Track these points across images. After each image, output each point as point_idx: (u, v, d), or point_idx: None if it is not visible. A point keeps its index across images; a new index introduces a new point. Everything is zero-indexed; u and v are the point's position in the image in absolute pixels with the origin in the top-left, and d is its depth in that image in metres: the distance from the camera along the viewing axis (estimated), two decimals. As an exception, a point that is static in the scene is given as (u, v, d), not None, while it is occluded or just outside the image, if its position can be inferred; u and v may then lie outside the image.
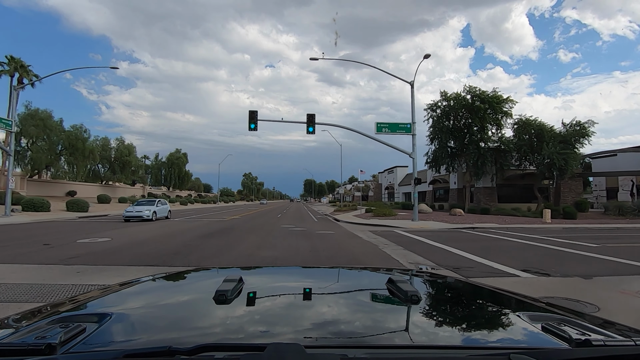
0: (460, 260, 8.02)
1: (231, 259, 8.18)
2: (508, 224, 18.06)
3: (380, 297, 1.30)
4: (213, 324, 1.01)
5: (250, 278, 1.52)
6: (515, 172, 30.70)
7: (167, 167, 69.50)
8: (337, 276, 1.76)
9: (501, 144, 28.32)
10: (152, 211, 20.08)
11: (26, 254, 8.31)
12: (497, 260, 7.80)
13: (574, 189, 32.00)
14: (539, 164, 27.76)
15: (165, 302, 1.27)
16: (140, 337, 0.93)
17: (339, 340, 0.88)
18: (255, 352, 0.70)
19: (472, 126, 28.57)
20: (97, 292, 1.33)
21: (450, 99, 29.49)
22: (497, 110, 27.94)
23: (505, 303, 1.33)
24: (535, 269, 6.96)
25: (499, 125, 28.77)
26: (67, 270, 6.52)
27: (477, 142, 28.50)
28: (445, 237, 12.69)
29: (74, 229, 14.68)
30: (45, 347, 0.72)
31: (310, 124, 19.71)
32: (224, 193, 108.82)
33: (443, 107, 29.91)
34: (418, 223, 18.66)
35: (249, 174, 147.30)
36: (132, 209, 20.11)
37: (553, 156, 25.03)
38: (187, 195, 73.66)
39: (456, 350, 0.83)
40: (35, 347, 0.73)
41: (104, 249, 9.19)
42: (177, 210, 37.77)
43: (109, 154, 47.82)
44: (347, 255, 8.97)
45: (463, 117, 29.46)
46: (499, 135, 29.02)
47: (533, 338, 0.90)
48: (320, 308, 1.16)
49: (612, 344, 0.79)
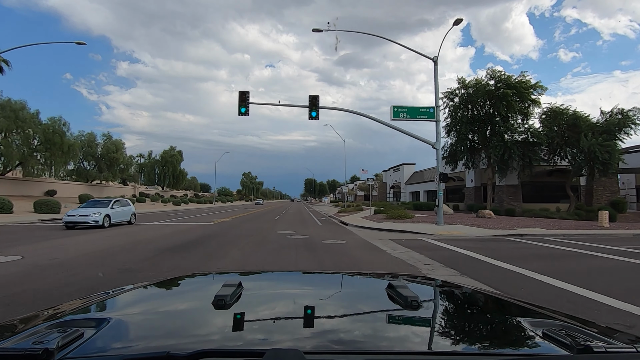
0: (574, 301, 4.59)
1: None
2: (558, 229, 14.60)
3: (380, 303, 1.27)
4: (212, 329, 1.00)
5: (249, 283, 1.44)
6: (544, 168, 27.24)
7: (160, 166, 65.94)
8: (337, 282, 1.73)
9: (530, 136, 24.84)
10: (102, 215, 15.54)
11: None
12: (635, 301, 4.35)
13: (608, 187, 28.47)
14: (574, 159, 24.34)
15: (163, 307, 1.26)
16: (139, 342, 0.92)
17: (338, 346, 0.87)
18: (254, 358, 0.69)
19: (496, 116, 25.10)
20: (95, 298, 1.31)
21: (469, 86, 26.02)
22: (525, 97, 24.47)
23: (506, 309, 1.31)
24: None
25: (525, 114, 25.27)
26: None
27: (501, 134, 25.04)
28: (498, 250, 9.26)
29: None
30: (43, 352, 0.71)
31: (314, 107, 16.28)
32: (222, 193, 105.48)
33: (461, 95, 26.43)
34: (445, 228, 15.25)
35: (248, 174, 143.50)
36: (74, 213, 15.59)
37: (594, 149, 21.58)
38: (182, 195, 70.26)
39: (456, 356, 0.82)
40: (33, 352, 0.71)
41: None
42: (165, 211, 34.36)
43: (94, 151, 44.27)
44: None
45: (485, 106, 26.02)
46: (525, 126, 25.55)
47: (534, 345, 0.89)
48: (319, 314, 1.12)
49: (613, 350, 0.77)
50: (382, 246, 10.24)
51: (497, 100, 24.52)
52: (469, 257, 8.35)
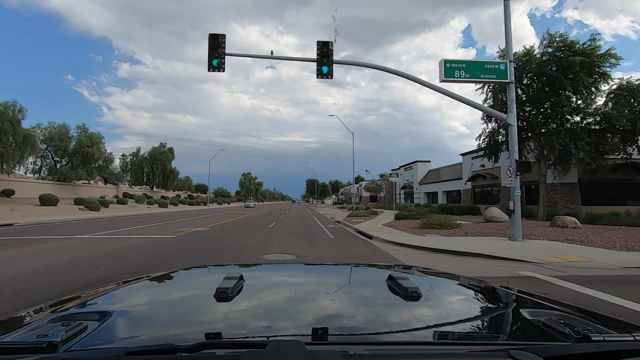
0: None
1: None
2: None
3: (381, 294, 1.28)
4: (214, 321, 1.00)
5: (250, 275, 1.46)
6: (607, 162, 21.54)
7: (149, 164, 60.29)
8: (338, 273, 1.74)
9: (603, 120, 19.14)
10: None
11: None
12: None
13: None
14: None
15: (166, 299, 1.27)
16: (142, 334, 0.92)
17: (340, 337, 0.87)
18: (256, 349, 0.69)
19: (553, 93, 19.41)
20: (98, 291, 1.31)
21: (519, 58, 20.34)
22: (594, 69, 18.76)
23: (506, 299, 1.31)
24: None
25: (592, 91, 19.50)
26: None
27: (562, 117, 19.35)
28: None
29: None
30: (47, 345, 0.71)
31: (325, 59, 10.59)
32: (219, 194, 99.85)
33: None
34: (532, 246, 9.58)
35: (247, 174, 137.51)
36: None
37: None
38: (175, 196, 64.67)
39: (456, 346, 0.83)
40: (37, 345, 0.71)
41: None
42: (140, 215, 28.70)
43: (66, 144, 38.52)
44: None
45: (538, 82, 20.36)
46: (593, 107, 19.86)
47: (533, 334, 0.90)
48: (320, 305, 1.14)
49: (611, 339, 0.78)
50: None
51: (559, 74, 18.84)
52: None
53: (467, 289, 1.46)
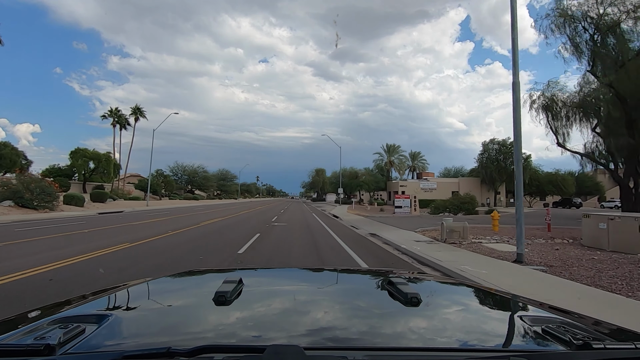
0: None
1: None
2: None
3: (381, 299, 1.26)
4: (213, 325, 0.99)
5: (249, 280, 1.41)
6: None
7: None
8: (337, 278, 1.71)
9: None
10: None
11: None
12: None
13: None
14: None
15: (164, 303, 1.24)
16: (140, 338, 0.92)
17: (339, 342, 0.86)
18: (255, 354, 0.69)
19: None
20: (97, 294, 1.29)
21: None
22: None
23: (506, 305, 1.29)
24: None
25: None
26: None
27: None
28: None
29: None
30: (44, 347, 0.70)
31: None
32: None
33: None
34: None
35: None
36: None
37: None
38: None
39: (456, 352, 0.82)
40: (34, 347, 0.71)
41: None
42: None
43: None
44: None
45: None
46: None
47: (533, 341, 0.89)
48: (320, 310, 1.13)
49: (612, 347, 0.77)
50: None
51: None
52: None
53: (468, 295, 1.45)
